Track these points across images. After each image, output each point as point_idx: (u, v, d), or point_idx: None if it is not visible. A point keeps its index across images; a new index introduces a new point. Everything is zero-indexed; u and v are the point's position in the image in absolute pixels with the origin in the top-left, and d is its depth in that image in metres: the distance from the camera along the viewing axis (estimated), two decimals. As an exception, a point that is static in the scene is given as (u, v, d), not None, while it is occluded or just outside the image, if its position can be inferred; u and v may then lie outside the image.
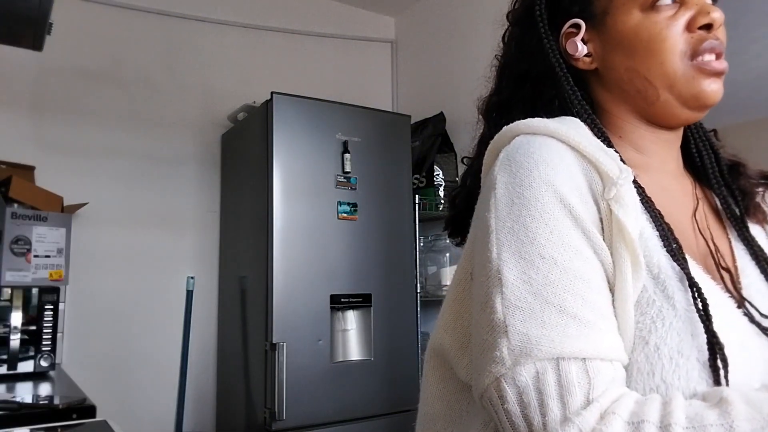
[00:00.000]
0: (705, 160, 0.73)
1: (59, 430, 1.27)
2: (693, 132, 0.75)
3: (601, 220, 0.58)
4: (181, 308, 2.50)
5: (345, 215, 2.25)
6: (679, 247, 0.59)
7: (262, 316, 2.13)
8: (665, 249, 0.59)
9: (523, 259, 0.56)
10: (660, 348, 0.54)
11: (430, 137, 2.70)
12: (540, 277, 0.55)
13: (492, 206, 0.60)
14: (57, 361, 1.90)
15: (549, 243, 0.56)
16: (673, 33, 0.65)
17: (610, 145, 0.64)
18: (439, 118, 2.74)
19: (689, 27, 0.66)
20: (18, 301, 1.82)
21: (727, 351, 0.53)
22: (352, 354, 2.23)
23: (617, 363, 0.54)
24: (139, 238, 2.53)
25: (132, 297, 2.49)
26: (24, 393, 1.63)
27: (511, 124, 0.64)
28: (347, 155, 2.26)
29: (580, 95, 0.69)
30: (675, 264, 0.58)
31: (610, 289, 0.57)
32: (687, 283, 0.56)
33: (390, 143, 2.43)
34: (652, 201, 0.63)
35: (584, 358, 0.52)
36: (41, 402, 1.48)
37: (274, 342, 2.04)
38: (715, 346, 0.53)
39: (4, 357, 1.76)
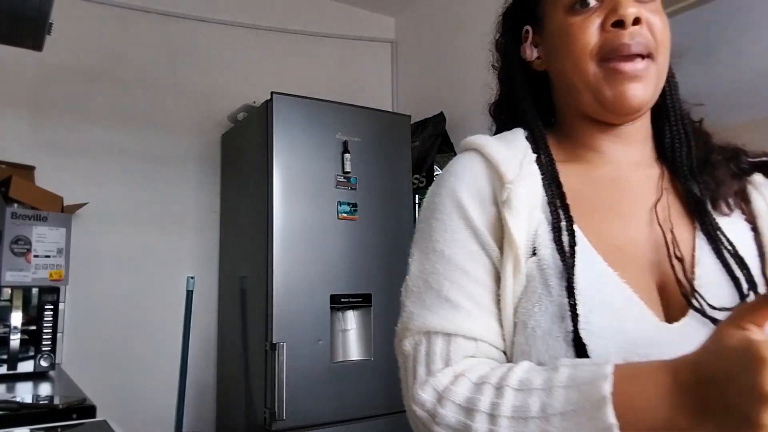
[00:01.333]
0: (676, 151, 0.72)
1: (59, 430, 1.27)
2: (671, 121, 0.73)
3: (500, 220, 0.65)
4: (181, 308, 2.50)
5: (345, 215, 2.25)
6: (572, 241, 0.63)
7: (262, 316, 2.13)
8: (555, 243, 0.63)
9: (422, 252, 0.68)
10: (536, 330, 0.60)
11: (430, 137, 2.70)
12: (429, 267, 0.66)
13: (420, 210, 0.74)
14: (57, 361, 1.90)
15: (442, 239, 0.66)
16: (586, 34, 0.65)
17: (544, 148, 0.70)
18: (439, 118, 2.73)
19: (603, 26, 0.65)
20: (18, 301, 1.82)
21: (597, 334, 0.58)
22: (352, 354, 2.23)
23: (482, 342, 0.62)
24: (139, 238, 2.53)
25: (132, 297, 2.49)
26: (24, 393, 1.63)
27: (465, 139, 0.73)
28: (347, 155, 2.26)
29: (530, 97, 0.74)
30: (558, 257, 0.62)
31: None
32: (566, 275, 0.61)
33: (390, 143, 2.42)
34: (563, 198, 0.66)
35: (449, 334, 0.61)
36: (41, 402, 1.48)
37: (274, 342, 2.04)
38: (576, 332, 0.58)
39: (4, 357, 1.76)
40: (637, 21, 0.64)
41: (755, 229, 0.69)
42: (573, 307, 0.59)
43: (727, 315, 0.49)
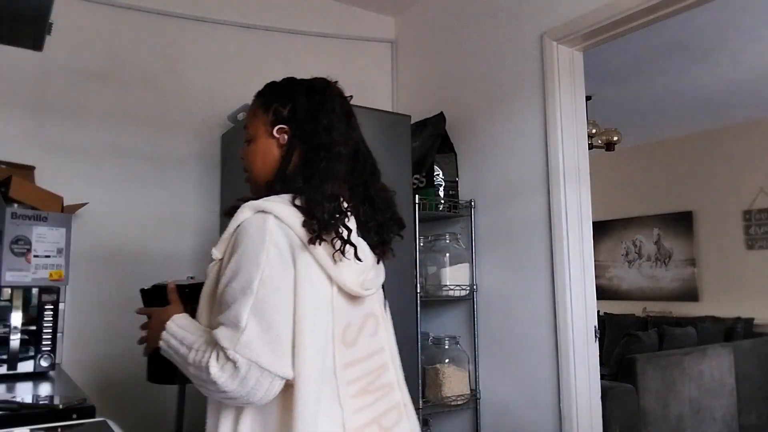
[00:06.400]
0: None
1: (59, 430, 1.27)
2: None
3: None
4: (181, 308, 2.49)
5: (345, 215, 2.24)
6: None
7: (262, 316, 2.12)
8: None
9: None
10: None
11: (430, 137, 2.70)
12: None
13: None
14: (57, 361, 1.90)
15: None
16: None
17: None
18: (439, 118, 2.73)
19: None
20: (18, 301, 1.82)
21: None
22: (352, 354, 2.22)
23: None
24: (139, 238, 2.53)
25: (132, 297, 2.49)
26: (24, 393, 1.63)
27: None
28: (347, 155, 2.25)
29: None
30: None
31: None
32: None
33: (390, 143, 2.42)
34: None
35: None
36: (41, 402, 1.48)
37: (274, 342, 2.03)
38: None
39: (4, 357, 1.76)
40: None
41: None
42: None
43: None
